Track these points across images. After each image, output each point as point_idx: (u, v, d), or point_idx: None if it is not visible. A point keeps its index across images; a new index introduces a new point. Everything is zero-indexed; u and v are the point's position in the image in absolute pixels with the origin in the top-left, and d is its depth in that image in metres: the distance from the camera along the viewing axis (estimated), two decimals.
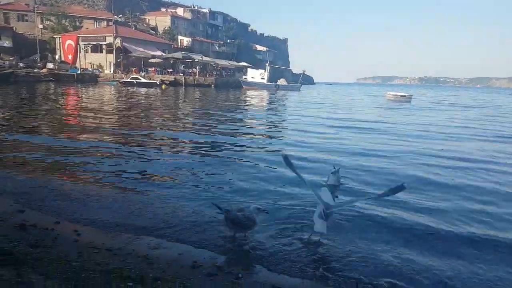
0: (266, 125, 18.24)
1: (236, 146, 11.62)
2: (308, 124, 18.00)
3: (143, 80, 52.32)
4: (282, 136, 14.07)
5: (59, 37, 63.28)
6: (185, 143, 12.19)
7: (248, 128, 16.42)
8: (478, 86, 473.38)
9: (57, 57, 62.03)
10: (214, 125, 16.26)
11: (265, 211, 4.78)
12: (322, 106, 32.01)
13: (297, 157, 9.79)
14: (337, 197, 5.76)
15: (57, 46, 63.70)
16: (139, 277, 3.41)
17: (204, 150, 10.64)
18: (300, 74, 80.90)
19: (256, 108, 28.60)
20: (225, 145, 11.62)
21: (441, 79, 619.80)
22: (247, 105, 30.55)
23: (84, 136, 12.15)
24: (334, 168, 6.64)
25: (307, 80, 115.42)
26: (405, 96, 45.52)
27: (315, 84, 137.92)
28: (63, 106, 22.49)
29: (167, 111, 22.15)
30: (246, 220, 4.57)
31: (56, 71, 52.50)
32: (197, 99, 35.07)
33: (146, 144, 11.20)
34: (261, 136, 13.79)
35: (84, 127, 14.25)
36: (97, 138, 11.67)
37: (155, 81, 52.73)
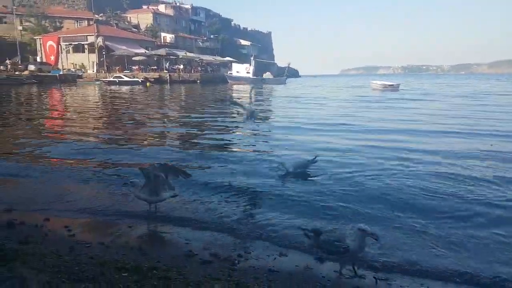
0: None
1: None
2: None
3: (125, 78, 51.61)
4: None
5: (40, 38, 61.95)
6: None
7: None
8: (463, 72, 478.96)
9: (38, 58, 60.70)
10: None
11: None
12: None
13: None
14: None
15: (38, 48, 62.36)
16: (134, 267, 3.35)
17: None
18: (285, 67, 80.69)
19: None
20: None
21: (424, 67, 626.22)
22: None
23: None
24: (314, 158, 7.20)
25: (292, 73, 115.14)
26: (392, 85, 44.28)
27: (300, 77, 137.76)
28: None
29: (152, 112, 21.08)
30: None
31: (38, 73, 51.39)
32: (183, 97, 34.73)
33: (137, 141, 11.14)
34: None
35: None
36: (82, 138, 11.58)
37: (137, 79, 52.06)
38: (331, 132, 12.47)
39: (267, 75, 70.32)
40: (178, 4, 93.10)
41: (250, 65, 67.21)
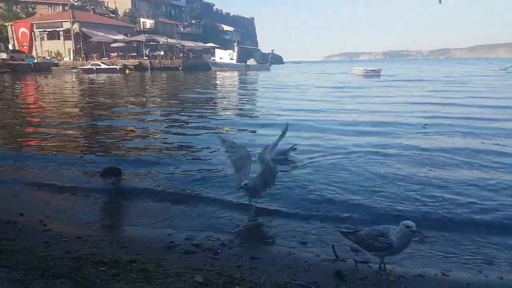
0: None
1: None
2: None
3: (103, 66, 50.39)
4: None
5: (11, 25, 59.63)
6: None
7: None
8: (442, 57, 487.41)
9: (10, 46, 58.55)
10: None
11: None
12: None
13: None
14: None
15: (10, 35, 60.07)
16: (112, 261, 3.26)
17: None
18: (269, 53, 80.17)
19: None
20: None
21: (404, 52, 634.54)
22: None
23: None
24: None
25: (276, 59, 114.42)
26: (374, 70, 46.26)
27: (284, 63, 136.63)
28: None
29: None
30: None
31: (10, 61, 49.59)
32: (164, 87, 33.84)
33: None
34: None
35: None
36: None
37: (116, 67, 50.90)
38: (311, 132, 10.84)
39: (251, 61, 69.77)
40: None
41: (234, 51, 66.36)
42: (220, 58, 66.35)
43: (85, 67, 50.69)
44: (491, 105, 16.19)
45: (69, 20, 57.31)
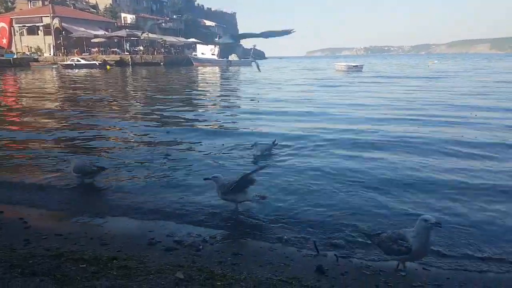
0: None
1: None
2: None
3: (82, 61, 49.62)
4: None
5: None
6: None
7: None
8: (423, 53, 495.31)
9: None
10: None
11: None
12: None
13: None
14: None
15: None
16: (92, 258, 3.25)
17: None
18: (251, 49, 79.89)
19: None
20: None
21: (385, 47, 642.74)
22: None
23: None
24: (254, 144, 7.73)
25: (258, 55, 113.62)
26: (357, 66, 46.43)
27: (266, 58, 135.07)
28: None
29: None
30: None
31: None
32: (145, 84, 33.04)
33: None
34: None
35: None
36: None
37: (95, 62, 50.20)
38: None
39: (233, 57, 69.36)
40: None
41: (215, 46, 65.89)
42: (202, 53, 65.84)
43: (65, 62, 49.81)
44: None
45: (49, 15, 56.08)
